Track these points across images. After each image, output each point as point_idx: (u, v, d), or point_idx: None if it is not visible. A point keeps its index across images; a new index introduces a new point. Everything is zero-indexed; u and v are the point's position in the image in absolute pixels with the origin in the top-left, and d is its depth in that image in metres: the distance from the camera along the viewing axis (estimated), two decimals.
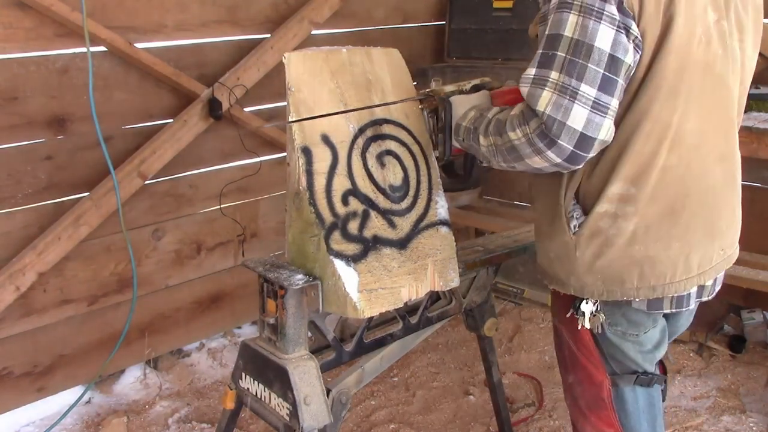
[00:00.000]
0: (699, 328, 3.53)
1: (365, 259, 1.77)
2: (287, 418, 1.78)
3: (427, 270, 1.87)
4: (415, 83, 4.04)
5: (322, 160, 1.77)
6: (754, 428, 2.92)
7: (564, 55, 1.48)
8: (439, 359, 3.52)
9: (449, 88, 1.91)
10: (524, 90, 1.53)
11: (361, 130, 1.84)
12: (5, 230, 2.80)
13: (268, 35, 3.44)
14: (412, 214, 1.89)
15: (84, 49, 2.75)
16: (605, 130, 1.49)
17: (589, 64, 1.46)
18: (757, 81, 3.37)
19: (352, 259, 1.75)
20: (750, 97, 3.29)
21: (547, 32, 1.53)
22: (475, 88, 1.92)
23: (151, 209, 3.20)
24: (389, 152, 1.88)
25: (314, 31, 3.58)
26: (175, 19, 3.11)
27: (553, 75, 1.48)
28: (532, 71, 1.53)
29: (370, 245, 1.79)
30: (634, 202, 1.62)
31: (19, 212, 2.83)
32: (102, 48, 2.90)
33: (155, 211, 3.22)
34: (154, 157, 3.07)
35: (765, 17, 3.45)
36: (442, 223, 1.93)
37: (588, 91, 1.46)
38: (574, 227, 1.67)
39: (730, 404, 3.08)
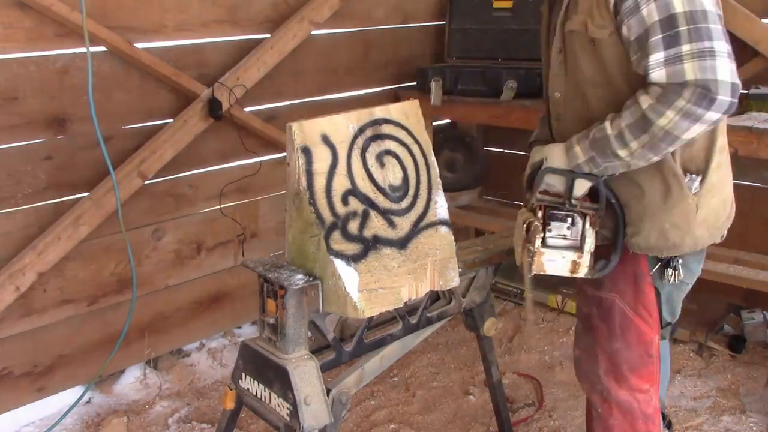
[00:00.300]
0: (699, 328, 3.53)
1: (365, 258, 1.77)
2: (287, 418, 1.78)
3: (427, 270, 1.87)
4: (414, 83, 4.05)
5: (322, 160, 1.77)
6: (754, 428, 2.92)
7: (686, 28, 1.60)
8: (439, 359, 3.52)
9: (532, 198, 1.90)
10: (659, 73, 1.63)
11: (361, 130, 1.84)
12: (5, 230, 2.80)
13: (268, 35, 3.43)
14: (411, 214, 1.89)
15: (84, 49, 2.75)
16: (739, 78, 1.63)
17: (710, 25, 1.61)
18: (757, 81, 3.38)
19: (352, 259, 1.75)
20: (750, 97, 3.32)
21: (657, 18, 1.63)
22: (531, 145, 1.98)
23: (151, 209, 3.20)
24: (389, 152, 1.88)
25: (314, 31, 3.59)
26: (175, 19, 3.11)
27: (685, 47, 1.60)
28: (660, 55, 1.63)
29: (370, 245, 1.79)
30: (725, 149, 1.88)
31: (19, 212, 2.83)
32: (102, 48, 2.90)
33: (155, 211, 3.22)
34: (154, 157, 3.07)
35: (764, 17, 3.46)
36: (442, 222, 1.94)
37: (721, 46, 1.60)
38: (695, 189, 1.83)
39: (730, 404, 3.08)
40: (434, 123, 4.22)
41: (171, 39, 3.13)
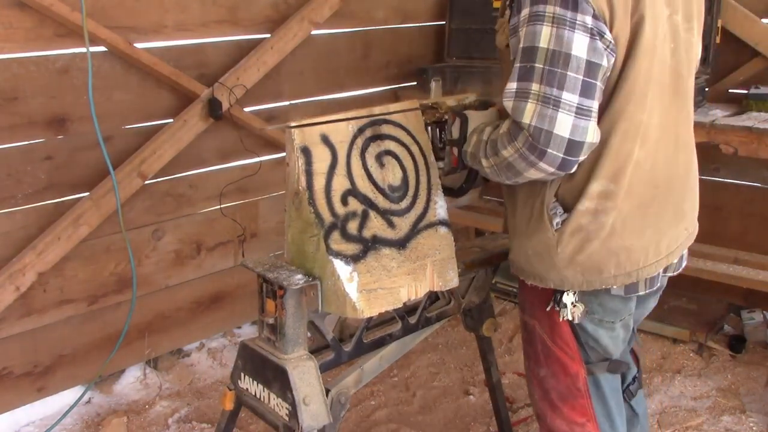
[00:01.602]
0: (699, 328, 3.53)
1: (364, 259, 1.77)
2: (286, 418, 1.78)
3: (426, 270, 1.87)
4: (414, 83, 4.05)
5: (321, 160, 1.77)
6: (754, 428, 2.92)
7: (542, 66, 1.52)
8: (439, 359, 3.52)
9: (450, 101, 1.93)
10: (508, 105, 1.58)
11: (361, 130, 1.84)
12: (5, 230, 2.80)
13: (268, 35, 3.44)
14: (411, 214, 1.89)
15: (84, 49, 2.75)
16: (591, 133, 1.55)
17: (569, 72, 1.51)
18: (757, 81, 3.38)
19: (352, 259, 1.75)
20: (750, 97, 3.33)
21: (522, 45, 1.57)
22: (483, 105, 1.94)
23: (151, 209, 3.20)
24: (388, 152, 1.88)
25: (314, 31, 3.59)
26: (175, 19, 3.11)
27: (534, 87, 1.53)
28: (513, 85, 1.57)
29: (369, 245, 1.79)
30: (612, 198, 1.69)
31: (19, 212, 2.83)
32: (102, 48, 2.90)
33: (155, 211, 3.22)
34: (154, 157, 3.07)
35: (764, 17, 3.45)
36: (441, 223, 1.93)
37: (570, 98, 1.51)
38: (557, 224, 1.73)
39: (730, 404, 3.08)
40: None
41: (171, 39, 3.13)
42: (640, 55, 1.61)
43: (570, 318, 1.80)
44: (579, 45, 1.51)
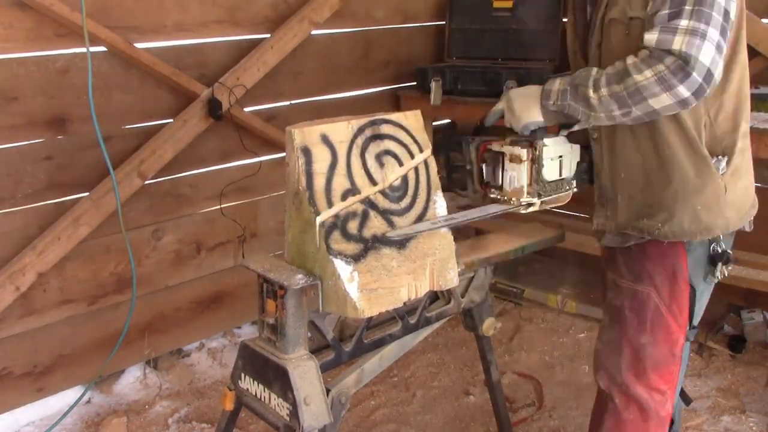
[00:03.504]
0: (699, 328, 3.52)
1: (365, 258, 1.77)
2: (287, 418, 1.78)
3: (426, 270, 1.87)
4: (414, 83, 4.05)
5: (321, 160, 1.77)
6: (754, 428, 2.92)
7: (691, 7, 1.68)
8: (439, 359, 3.52)
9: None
10: (651, 36, 1.70)
11: (360, 130, 1.84)
12: (5, 230, 2.80)
13: (268, 35, 3.44)
14: (411, 214, 1.89)
15: (84, 49, 2.75)
16: (719, 70, 1.69)
17: (713, 13, 1.67)
18: (757, 81, 3.37)
19: (352, 259, 1.75)
20: (750, 97, 3.31)
21: None
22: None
23: (151, 209, 3.20)
24: (388, 152, 1.88)
25: (314, 31, 3.59)
26: (175, 19, 3.11)
27: (683, 23, 1.67)
28: (660, 23, 1.71)
29: (369, 245, 1.79)
30: (748, 135, 1.94)
31: (19, 212, 2.83)
32: (102, 48, 2.90)
33: (155, 211, 3.22)
34: (154, 157, 3.08)
35: (764, 17, 3.46)
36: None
37: (713, 34, 1.66)
38: (722, 170, 1.88)
39: (730, 404, 3.08)
40: (434, 123, 4.22)
41: (171, 39, 3.13)
42: (743, 11, 1.88)
43: (726, 275, 1.97)
44: None
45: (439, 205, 1.95)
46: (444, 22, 4.21)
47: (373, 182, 1.84)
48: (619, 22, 1.85)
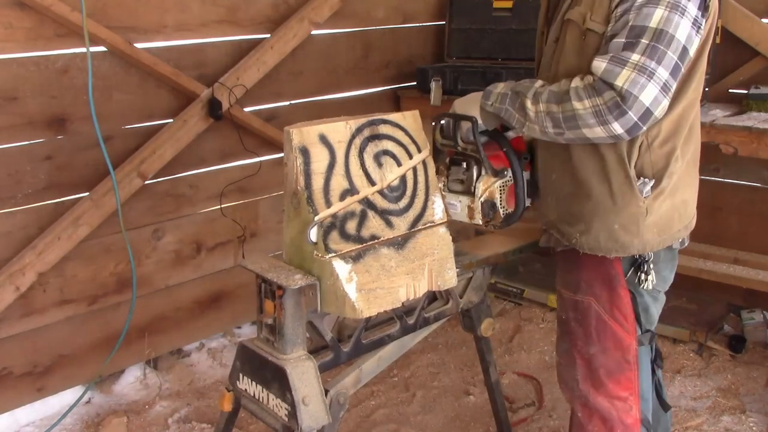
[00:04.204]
0: (699, 328, 3.53)
1: (363, 258, 1.77)
2: (286, 419, 1.78)
3: (425, 270, 1.87)
4: (414, 83, 4.05)
5: (319, 160, 1.77)
6: (754, 428, 2.92)
7: (647, 42, 1.66)
8: (439, 359, 3.52)
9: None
10: (599, 64, 1.69)
11: (359, 130, 1.84)
12: (5, 230, 2.80)
13: (268, 35, 3.44)
14: (409, 214, 1.89)
15: (84, 49, 2.75)
16: (662, 109, 1.69)
17: (669, 52, 1.67)
18: (757, 81, 3.38)
19: (351, 259, 1.75)
20: (750, 97, 3.33)
21: (631, 24, 1.70)
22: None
23: (151, 209, 3.20)
24: (386, 152, 1.88)
25: (314, 31, 3.59)
26: (175, 19, 3.11)
27: (634, 57, 1.66)
28: (609, 53, 1.70)
29: (368, 245, 1.79)
30: (680, 158, 1.89)
31: (19, 212, 2.83)
32: (102, 48, 2.90)
33: (155, 211, 3.22)
34: (154, 157, 3.08)
35: (764, 17, 3.45)
36: (440, 222, 1.93)
37: (663, 74, 1.66)
38: (646, 193, 1.85)
39: (730, 404, 3.08)
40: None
41: (171, 39, 3.13)
42: (710, 39, 1.84)
43: (650, 287, 1.94)
44: (683, 31, 1.68)
45: (438, 205, 1.95)
46: (444, 22, 4.21)
47: (372, 182, 1.84)
48: (576, 25, 1.83)
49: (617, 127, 1.67)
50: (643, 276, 1.93)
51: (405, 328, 2.08)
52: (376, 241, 1.81)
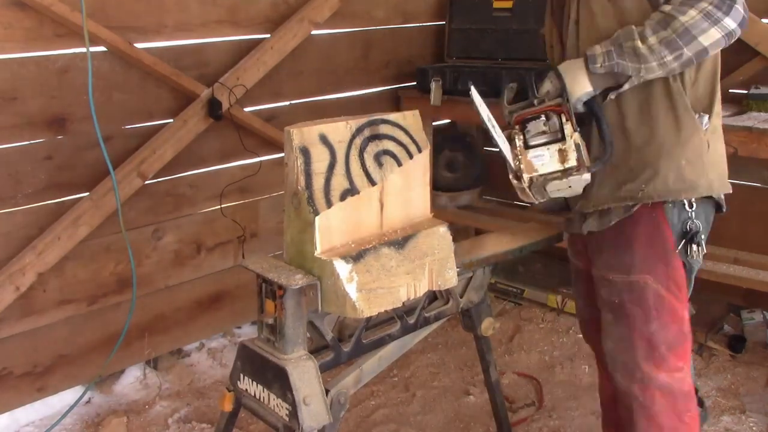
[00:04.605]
0: (699, 328, 3.52)
1: (364, 258, 1.77)
2: (287, 419, 1.78)
3: (425, 269, 1.87)
4: (414, 83, 4.04)
5: (320, 160, 1.77)
6: (754, 428, 2.92)
7: None
8: (439, 359, 3.52)
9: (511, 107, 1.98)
10: None
11: (359, 130, 1.85)
12: (5, 230, 2.80)
13: (268, 35, 3.44)
14: None
15: (84, 49, 2.75)
16: None
17: None
18: (757, 81, 3.38)
19: (351, 259, 1.75)
20: (750, 97, 3.33)
21: None
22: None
23: (151, 209, 3.20)
24: (387, 152, 1.88)
25: (314, 31, 3.59)
26: (175, 19, 3.11)
27: None
28: None
29: (368, 246, 1.79)
30: (720, 102, 1.95)
31: (19, 212, 2.83)
32: (102, 48, 2.90)
33: (155, 211, 3.22)
34: (154, 157, 3.08)
35: (764, 17, 3.45)
36: (440, 222, 1.94)
37: None
38: (705, 125, 1.91)
39: (730, 404, 3.08)
40: (434, 123, 4.22)
41: (171, 39, 3.13)
42: None
43: (700, 258, 1.96)
44: None
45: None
46: (444, 22, 4.21)
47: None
48: None
49: (729, 22, 1.73)
50: (695, 248, 1.94)
51: (405, 327, 2.08)
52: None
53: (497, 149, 1.92)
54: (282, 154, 1.78)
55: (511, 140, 1.92)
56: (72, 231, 2.89)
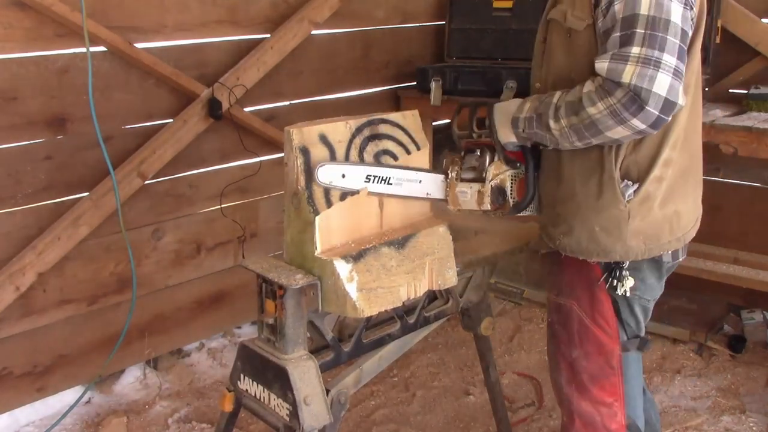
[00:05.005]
0: (699, 328, 3.53)
1: (364, 258, 1.77)
2: (287, 419, 1.78)
3: (425, 269, 1.87)
4: (415, 83, 4.04)
5: (320, 160, 1.77)
6: (754, 428, 2.92)
7: (643, 31, 1.61)
8: (439, 359, 3.52)
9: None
10: (602, 65, 1.64)
11: (359, 130, 1.85)
12: (5, 230, 2.80)
13: (268, 35, 3.44)
14: None
15: (84, 49, 2.75)
16: (681, 96, 1.62)
17: (668, 36, 1.61)
18: (757, 81, 3.38)
19: (351, 258, 1.75)
20: (750, 97, 3.33)
21: (621, 16, 1.65)
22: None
23: (151, 209, 3.20)
24: (386, 151, 1.88)
25: (314, 31, 3.59)
26: (175, 19, 3.11)
27: (635, 50, 1.60)
28: (609, 52, 1.64)
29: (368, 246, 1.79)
30: (671, 164, 1.82)
31: (19, 212, 2.82)
32: (102, 48, 2.90)
33: (155, 211, 3.22)
34: (154, 157, 3.07)
35: (764, 17, 3.45)
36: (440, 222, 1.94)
37: (670, 60, 1.60)
38: (629, 196, 1.80)
39: (730, 404, 3.08)
40: (434, 123, 4.22)
41: (171, 39, 3.13)
42: (700, 30, 1.77)
43: (625, 292, 1.88)
44: (676, 12, 1.62)
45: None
46: (444, 22, 4.21)
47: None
48: (559, 24, 1.82)
49: (638, 123, 1.61)
50: (616, 281, 1.88)
51: (405, 327, 2.08)
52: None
53: None
54: (282, 154, 1.78)
55: (448, 166, 1.98)
56: (72, 231, 2.89)
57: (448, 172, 1.97)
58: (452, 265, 1.94)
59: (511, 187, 1.94)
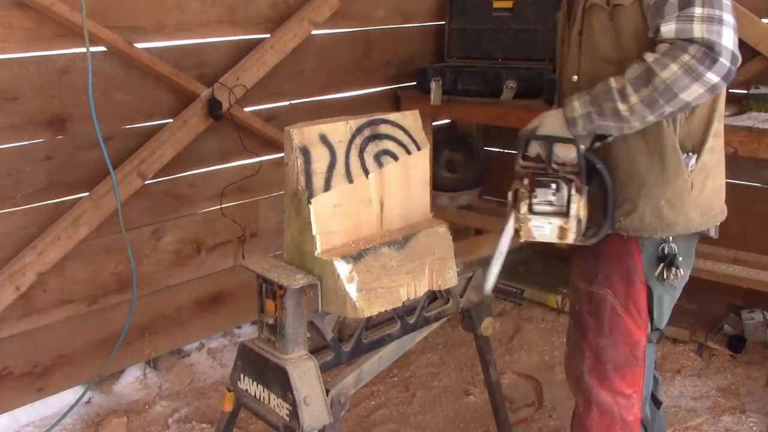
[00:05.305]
0: (699, 328, 3.53)
1: (364, 258, 1.77)
2: (287, 419, 1.78)
3: (426, 269, 1.87)
4: (415, 83, 4.05)
5: (320, 160, 1.77)
6: (754, 428, 2.92)
7: None
8: (439, 359, 3.52)
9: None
10: (669, 27, 1.70)
11: (359, 130, 1.85)
12: (5, 230, 2.80)
13: (268, 35, 3.44)
14: None
15: (84, 49, 2.75)
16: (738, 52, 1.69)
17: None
18: (757, 81, 3.38)
19: (352, 259, 1.75)
20: (750, 97, 3.33)
21: None
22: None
23: (151, 209, 3.20)
24: (387, 152, 1.88)
25: (314, 31, 3.59)
26: (175, 19, 3.11)
27: (697, 11, 1.67)
28: (673, 14, 1.70)
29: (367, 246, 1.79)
30: (720, 135, 1.91)
31: (19, 212, 2.83)
32: (102, 48, 2.90)
33: (155, 211, 3.22)
34: (154, 157, 3.08)
35: (764, 17, 3.45)
36: (440, 222, 1.94)
37: (728, 17, 1.67)
38: (691, 167, 1.86)
39: (730, 404, 3.08)
40: (434, 123, 4.22)
41: (171, 39, 3.13)
42: None
43: (677, 281, 1.93)
44: None
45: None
46: (444, 22, 4.21)
47: None
48: (601, 8, 1.84)
49: (712, 77, 1.66)
50: (673, 270, 1.92)
51: (405, 327, 2.08)
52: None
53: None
54: (282, 154, 1.78)
55: (516, 200, 1.89)
56: (72, 231, 2.89)
57: (518, 205, 1.88)
58: (452, 265, 1.94)
59: (586, 216, 1.88)
